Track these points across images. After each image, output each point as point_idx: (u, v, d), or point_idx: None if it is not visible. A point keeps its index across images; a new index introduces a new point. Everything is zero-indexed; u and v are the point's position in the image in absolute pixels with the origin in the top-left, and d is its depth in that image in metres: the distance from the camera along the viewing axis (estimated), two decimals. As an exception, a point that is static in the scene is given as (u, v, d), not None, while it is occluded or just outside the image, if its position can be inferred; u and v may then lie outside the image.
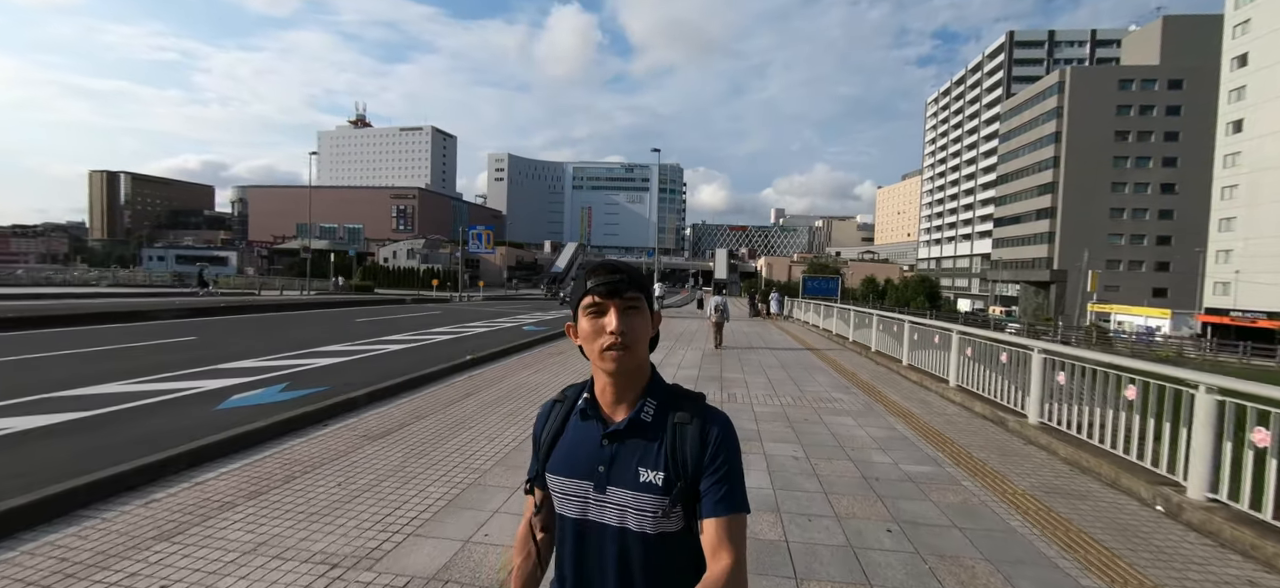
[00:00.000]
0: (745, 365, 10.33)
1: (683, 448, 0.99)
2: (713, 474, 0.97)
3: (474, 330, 15.37)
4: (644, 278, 1.06)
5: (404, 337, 13.03)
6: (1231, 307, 47.80)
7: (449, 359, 9.21)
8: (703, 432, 1.00)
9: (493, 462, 4.48)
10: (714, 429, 1.00)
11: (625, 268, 1.05)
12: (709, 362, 10.75)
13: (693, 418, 1.01)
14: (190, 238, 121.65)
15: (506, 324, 17.94)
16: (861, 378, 9.15)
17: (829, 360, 11.53)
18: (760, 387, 8.14)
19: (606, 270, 1.03)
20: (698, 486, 0.98)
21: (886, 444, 5.31)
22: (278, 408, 5.83)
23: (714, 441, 0.99)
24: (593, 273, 1.04)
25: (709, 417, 1.02)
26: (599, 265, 1.06)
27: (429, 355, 10.09)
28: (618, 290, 1.00)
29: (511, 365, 9.25)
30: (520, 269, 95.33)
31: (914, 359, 9.73)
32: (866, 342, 12.98)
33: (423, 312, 21.71)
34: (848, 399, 7.38)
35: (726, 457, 0.98)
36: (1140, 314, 55.00)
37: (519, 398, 6.80)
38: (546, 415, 1.13)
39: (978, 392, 7.14)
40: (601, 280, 1.01)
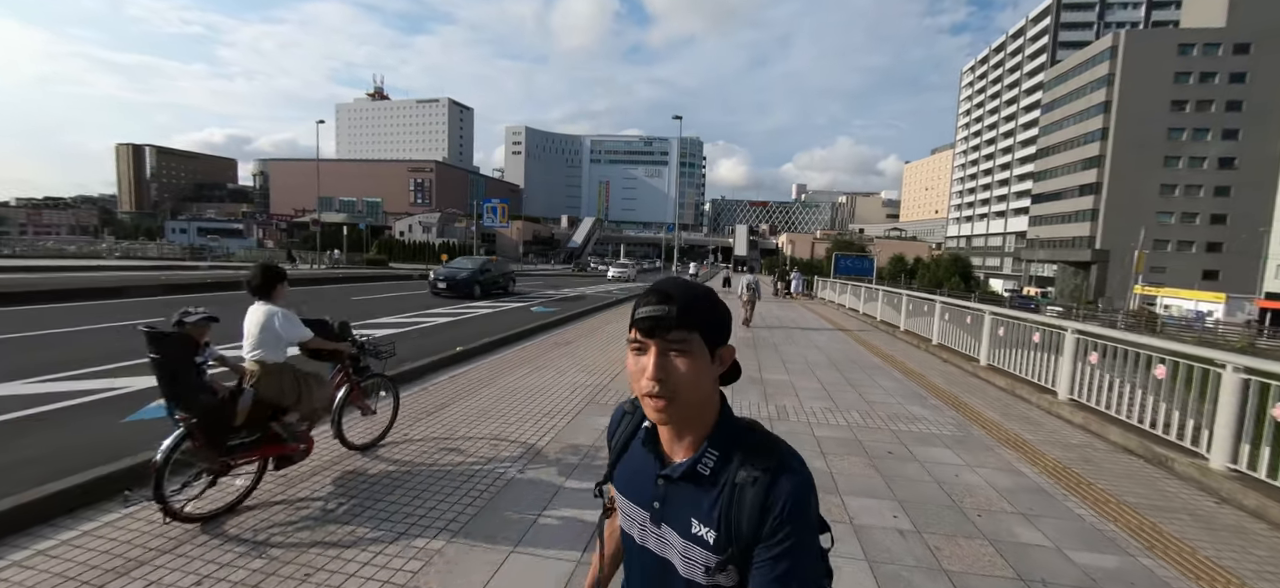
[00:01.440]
0: (787, 361, 8.70)
1: (740, 513, 0.84)
2: (771, 547, 0.81)
3: (477, 312, 13.98)
4: (705, 304, 0.86)
5: (397, 319, 11.68)
6: (1298, 291, 44.28)
7: (434, 352, 7.79)
8: (766, 498, 0.83)
9: (446, 538, 2.97)
10: (782, 495, 0.82)
11: (678, 294, 0.85)
12: (743, 355, 9.15)
13: (758, 478, 0.84)
14: (213, 211, 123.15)
15: (513, 305, 16.54)
16: (933, 382, 7.47)
17: (880, 352, 9.85)
18: (813, 393, 6.54)
19: (654, 299, 0.85)
20: (753, 551, 0.83)
21: (1019, 500, 3.69)
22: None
23: (779, 509, 0.82)
24: (642, 300, 0.87)
25: (778, 477, 0.84)
26: (650, 290, 0.88)
27: (413, 346, 8.68)
28: (658, 329, 0.83)
29: (508, 360, 7.77)
30: (537, 244, 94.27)
31: (993, 358, 8.00)
32: (922, 332, 11.24)
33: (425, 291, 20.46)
34: (930, 415, 5.74)
35: (792, 530, 0.81)
36: (1191, 298, 51.52)
37: (502, 414, 5.28)
38: (618, 422, 1.06)
39: (1105, 411, 5.45)
40: (643, 314, 0.85)
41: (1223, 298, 49.02)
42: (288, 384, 3.37)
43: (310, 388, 3.48)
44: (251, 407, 3.17)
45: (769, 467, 0.85)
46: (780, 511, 0.81)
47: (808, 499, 0.84)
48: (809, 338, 11.76)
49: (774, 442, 0.90)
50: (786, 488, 0.83)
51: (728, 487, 0.86)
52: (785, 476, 0.84)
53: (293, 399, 3.37)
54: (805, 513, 0.83)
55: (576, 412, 5.34)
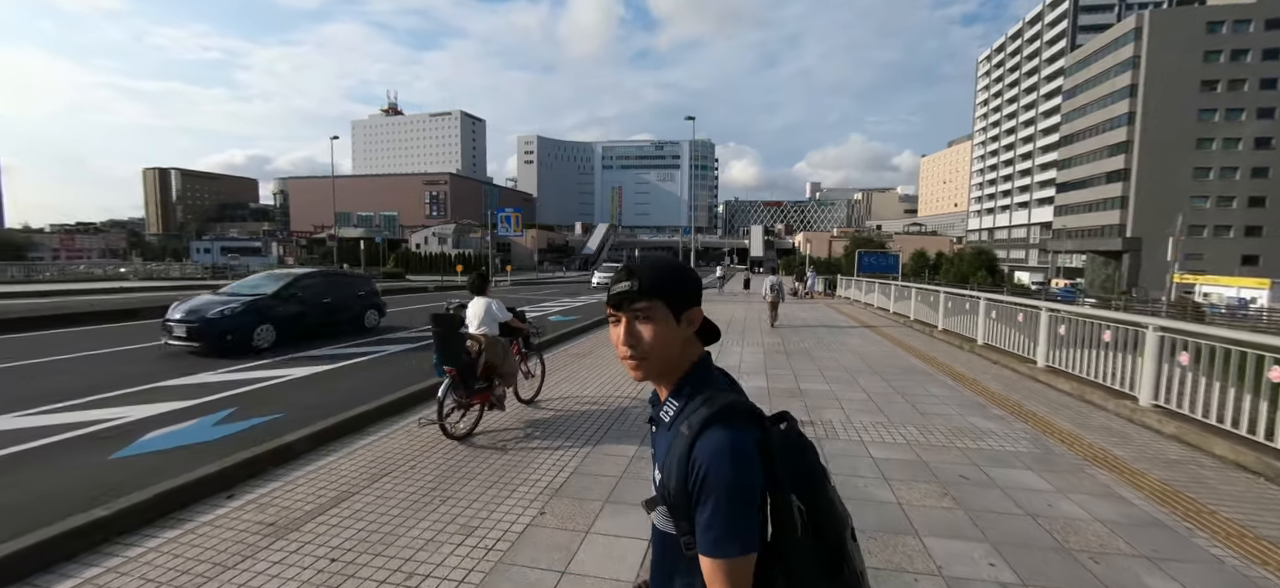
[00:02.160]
0: (823, 367, 8.09)
1: (671, 461, 0.90)
2: (701, 509, 0.85)
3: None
4: (666, 274, 0.96)
5: (407, 335, 11.32)
6: (1349, 274, 42.00)
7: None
8: (689, 452, 0.87)
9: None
10: (698, 458, 0.86)
11: (638, 270, 0.96)
12: (775, 362, 8.57)
13: (687, 433, 0.89)
14: (235, 230, 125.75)
15: (531, 314, 16.16)
16: (989, 387, 6.82)
17: (921, 355, 9.18)
18: (859, 404, 5.94)
19: (622, 275, 0.98)
20: (688, 505, 0.88)
21: (1136, 538, 3.09)
22: (190, 458, 4.05)
23: (698, 473, 0.85)
24: (613, 278, 0.99)
25: (704, 433, 0.87)
26: (620, 268, 1.00)
27: (423, 364, 8.28)
28: (624, 302, 0.95)
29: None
30: (551, 251, 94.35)
31: (1053, 359, 7.30)
32: (964, 331, 10.53)
33: (441, 301, 20.23)
34: (997, 428, 5.12)
35: (714, 491, 0.83)
36: (1233, 284, 49.34)
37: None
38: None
39: (1205, 420, 4.77)
40: (613, 290, 0.97)
41: (1268, 283, 46.81)
42: (500, 351, 5.07)
43: (508, 355, 5.23)
44: (484, 365, 4.91)
45: (701, 422, 0.88)
46: (699, 474, 0.85)
47: (727, 462, 0.84)
48: (841, 340, 11.12)
49: (721, 399, 0.91)
50: (707, 447, 0.85)
51: (675, 434, 0.92)
52: (709, 434, 0.86)
53: (501, 361, 5.04)
54: (724, 475, 0.83)
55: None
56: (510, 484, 3.76)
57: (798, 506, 0.89)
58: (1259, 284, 47.49)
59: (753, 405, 0.92)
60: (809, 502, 0.91)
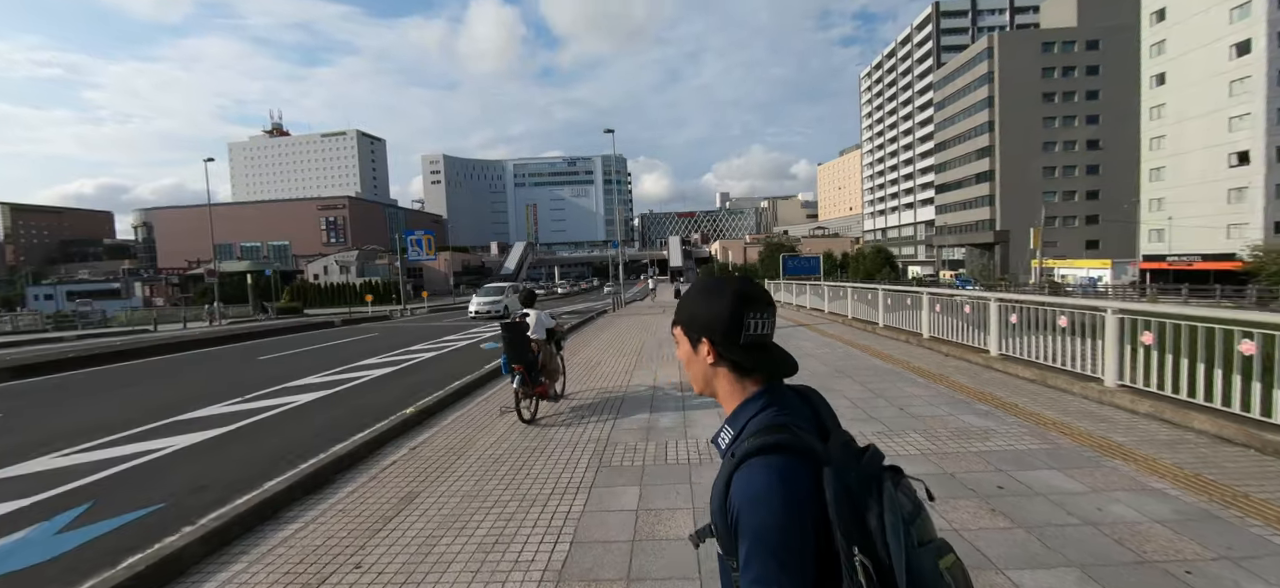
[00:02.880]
0: (789, 376, 7.83)
1: (713, 497, 0.88)
2: (740, 547, 0.80)
3: (419, 357, 12.21)
4: (684, 304, 1.01)
5: (323, 378, 9.79)
6: (1167, 252, 50.05)
7: (379, 415, 6.26)
8: (723, 500, 0.84)
9: None
10: (734, 494, 0.82)
11: (680, 300, 1.06)
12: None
13: (728, 464, 0.86)
14: (86, 271, 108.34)
15: (459, 343, 14.81)
16: (960, 382, 6.84)
17: (877, 352, 9.24)
18: (845, 412, 5.64)
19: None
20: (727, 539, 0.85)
21: (1207, 538, 2.90)
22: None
23: (734, 509, 0.81)
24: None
25: (737, 471, 0.83)
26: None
27: (350, 412, 7.04)
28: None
29: (473, 415, 6.37)
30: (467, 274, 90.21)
31: (1005, 348, 7.53)
32: (906, 326, 10.85)
33: (354, 337, 18.14)
34: (994, 426, 4.99)
35: (749, 533, 0.78)
36: (1083, 266, 57.07)
37: (494, 499, 4.01)
38: None
39: (1176, 396, 4.93)
40: None
41: (1109, 264, 54.58)
42: (548, 353, 6.44)
43: (554, 356, 6.64)
44: (540, 364, 6.21)
45: (743, 453, 0.84)
46: (734, 516, 0.81)
47: (760, 508, 0.78)
48: (791, 343, 11.05)
49: (772, 433, 0.85)
50: (742, 483, 0.81)
51: (723, 464, 0.89)
52: (747, 468, 0.82)
53: (550, 360, 6.46)
54: (757, 522, 0.78)
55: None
56: (578, 445, 5.13)
57: (860, 560, 0.76)
58: (1102, 265, 55.30)
59: (810, 442, 0.83)
60: (877, 558, 0.76)
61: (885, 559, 0.76)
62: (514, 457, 4.85)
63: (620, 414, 6.09)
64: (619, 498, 3.85)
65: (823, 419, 0.92)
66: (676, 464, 4.44)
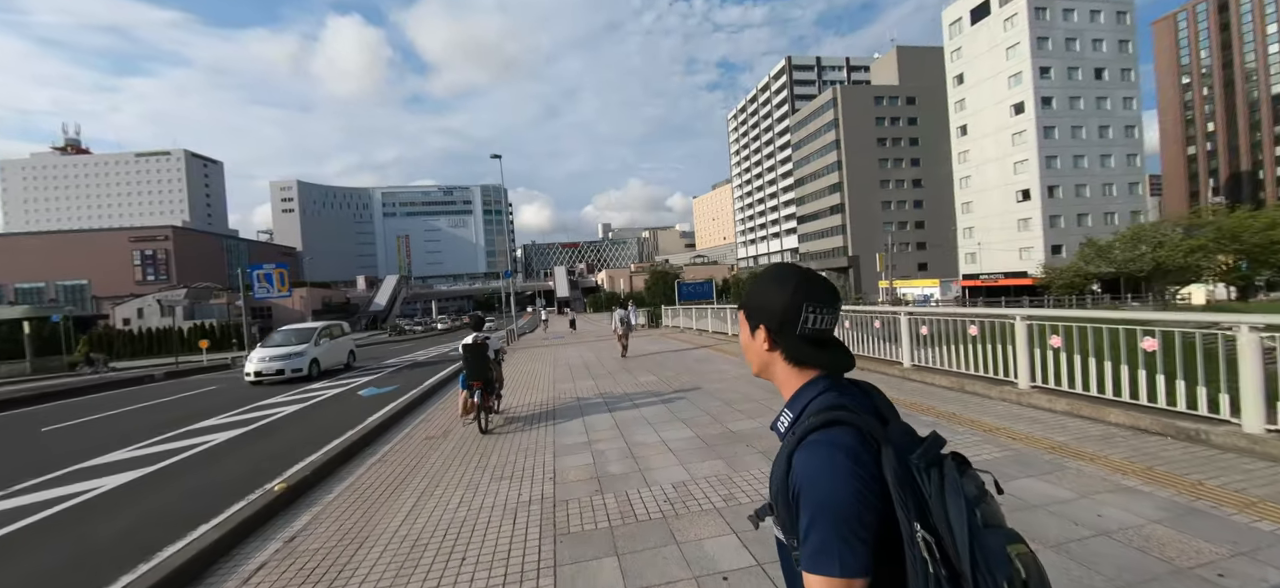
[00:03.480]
0: (727, 400, 7.49)
1: (774, 475, 0.89)
2: (800, 521, 0.82)
3: (277, 413, 10.06)
4: (750, 289, 1.04)
5: (139, 450, 7.52)
6: (980, 272, 59.83)
7: (228, 496, 4.75)
8: (785, 477, 0.86)
9: None
10: (796, 469, 0.84)
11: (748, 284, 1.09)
12: (677, 408, 7.69)
13: (789, 444, 0.88)
14: None
15: (329, 391, 12.61)
16: (891, 396, 6.95)
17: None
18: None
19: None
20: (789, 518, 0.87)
21: (1212, 532, 2.90)
22: None
23: (795, 484, 0.83)
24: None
25: (798, 448, 0.85)
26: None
27: (182, 496, 5.33)
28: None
29: (367, 486, 5.10)
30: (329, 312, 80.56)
31: (918, 358, 7.91)
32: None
33: (185, 392, 14.78)
34: (951, 436, 4.97)
35: (810, 505, 0.80)
36: (918, 286, 66.11)
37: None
38: None
39: (1086, 393, 5.32)
40: None
41: (937, 282, 63.84)
42: (497, 371, 7.70)
43: (499, 372, 7.87)
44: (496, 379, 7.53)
45: (805, 430, 0.86)
46: (795, 491, 0.83)
47: (818, 479, 0.81)
48: (713, 367, 10.87)
49: (832, 411, 0.87)
50: (804, 459, 0.83)
51: (784, 444, 0.91)
52: (808, 443, 0.84)
53: (497, 377, 7.67)
54: (816, 494, 0.80)
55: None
56: (529, 446, 5.91)
57: (922, 536, 0.77)
58: (932, 284, 64.61)
59: (870, 421, 0.86)
60: (939, 534, 0.78)
61: (948, 537, 0.77)
62: (438, 539, 3.69)
63: (553, 420, 7.02)
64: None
65: (880, 407, 0.93)
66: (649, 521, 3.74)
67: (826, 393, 0.92)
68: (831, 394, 0.91)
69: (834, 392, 0.92)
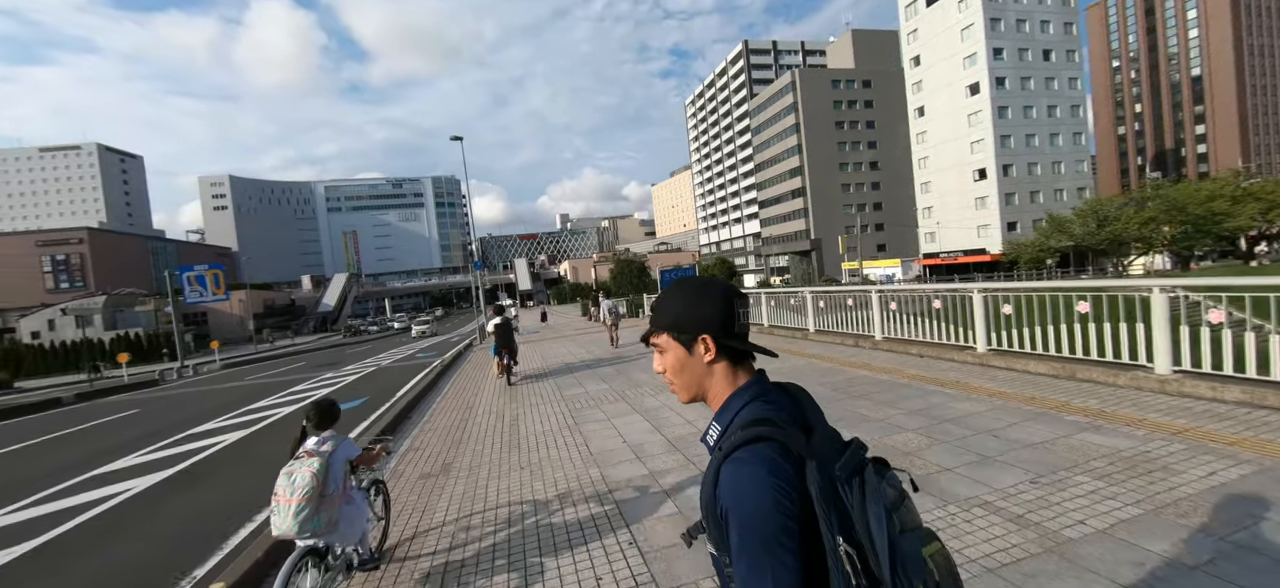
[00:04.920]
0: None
1: (703, 491, 0.89)
2: (730, 539, 0.82)
3: (213, 446, 8.24)
4: (670, 306, 1.00)
5: (13, 512, 5.72)
6: (939, 250, 61.37)
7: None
8: (713, 484, 0.86)
9: None
10: (722, 487, 0.84)
11: (656, 302, 1.04)
12: (685, 409, 6.46)
13: (714, 461, 0.88)
14: None
15: (277, 411, 10.76)
16: (887, 366, 6.16)
17: (790, 351, 8.28)
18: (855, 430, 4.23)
19: (655, 304, 1.06)
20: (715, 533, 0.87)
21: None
22: None
23: (722, 502, 0.84)
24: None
25: (723, 465, 0.85)
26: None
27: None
28: (648, 338, 1.03)
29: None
30: (272, 315, 75.45)
31: (888, 331, 8.19)
32: (791, 324, 11.29)
33: (95, 419, 12.54)
34: (971, 406, 3.95)
35: (737, 524, 0.80)
36: (880, 266, 67.41)
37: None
38: None
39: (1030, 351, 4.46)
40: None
41: (898, 263, 65.21)
42: (515, 342, 10.22)
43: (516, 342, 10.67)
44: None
45: (730, 447, 0.86)
46: (724, 499, 0.83)
47: (748, 508, 0.80)
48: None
49: (757, 426, 0.87)
50: (729, 477, 0.83)
51: (711, 459, 0.91)
52: (733, 461, 0.84)
53: (515, 347, 10.18)
54: (740, 506, 0.81)
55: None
56: (554, 398, 8.01)
57: (845, 549, 0.79)
58: (893, 264, 66.00)
59: (790, 433, 0.85)
60: (860, 545, 0.80)
61: (869, 547, 0.79)
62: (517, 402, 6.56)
63: (558, 376, 9.07)
64: None
65: (807, 414, 0.93)
66: None
67: (753, 402, 0.92)
68: (758, 404, 0.91)
69: (760, 401, 0.92)
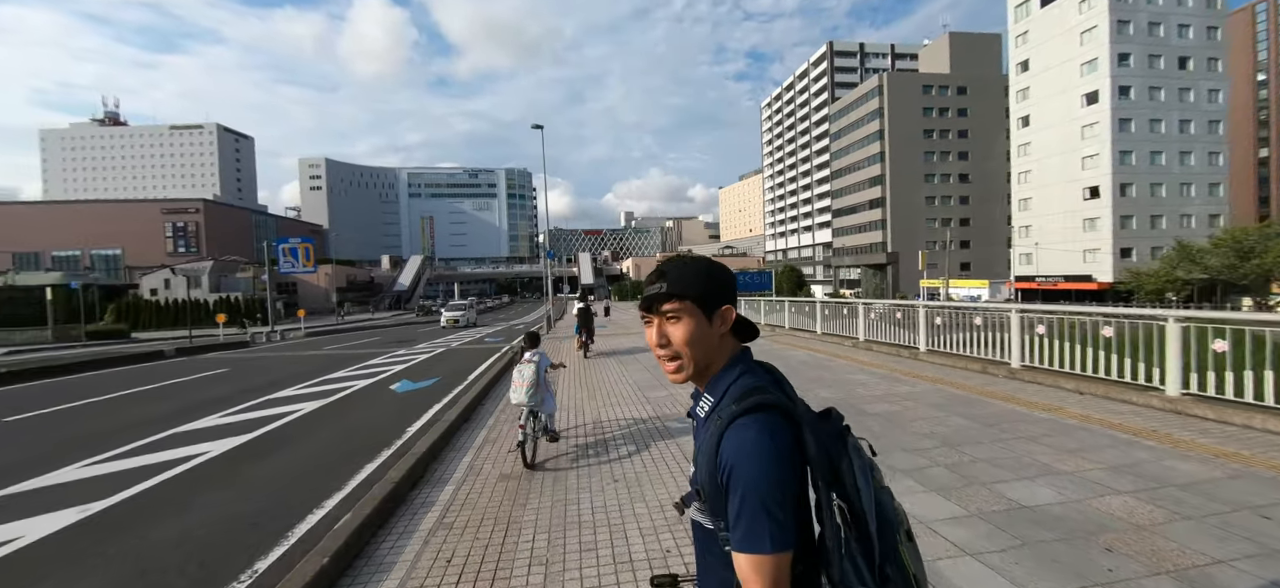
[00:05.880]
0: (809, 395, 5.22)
1: (701, 460, 0.92)
2: (731, 503, 0.84)
3: (289, 414, 8.06)
4: (696, 273, 0.98)
5: (93, 466, 5.57)
6: (1035, 273, 55.96)
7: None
8: (716, 451, 0.87)
9: None
10: (726, 452, 0.86)
11: (671, 271, 0.99)
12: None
13: (718, 423, 0.90)
14: None
15: (357, 383, 10.64)
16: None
17: (849, 360, 6.97)
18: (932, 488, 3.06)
19: (654, 277, 1.01)
20: (719, 498, 0.88)
21: None
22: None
23: (726, 467, 0.85)
24: (646, 280, 1.02)
25: (726, 431, 0.87)
26: (652, 272, 1.03)
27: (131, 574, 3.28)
28: (655, 304, 0.97)
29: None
30: (353, 290, 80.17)
31: (932, 343, 7.99)
32: (845, 332, 11.45)
33: (189, 376, 13.05)
34: (1035, 424, 2.65)
35: (741, 486, 0.82)
36: (966, 286, 62.46)
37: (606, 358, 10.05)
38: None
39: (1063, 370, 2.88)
40: (645, 293, 1.00)
41: (986, 283, 60.12)
42: (592, 323, 13.23)
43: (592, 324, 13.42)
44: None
45: (731, 415, 0.88)
46: (726, 467, 0.85)
47: (752, 455, 0.83)
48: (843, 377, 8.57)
49: (755, 395, 0.90)
50: (734, 441, 0.85)
51: (708, 429, 0.92)
52: (737, 427, 0.86)
53: (592, 327, 13.17)
54: (751, 469, 0.82)
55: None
56: (619, 368, 9.81)
57: (838, 504, 0.86)
58: (981, 285, 60.91)
59: (787, 401, 0.90)
60: (851, 501, 0.87)
61: (857, 502, 0.87)
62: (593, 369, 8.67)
63: (626, 352, 11.10)
64: None
65: (786, 390, 0.97)
66: None
67: (744, 376, 0.95)
68: (748, 377, 0.95)
69: (749, 375, 0.95)
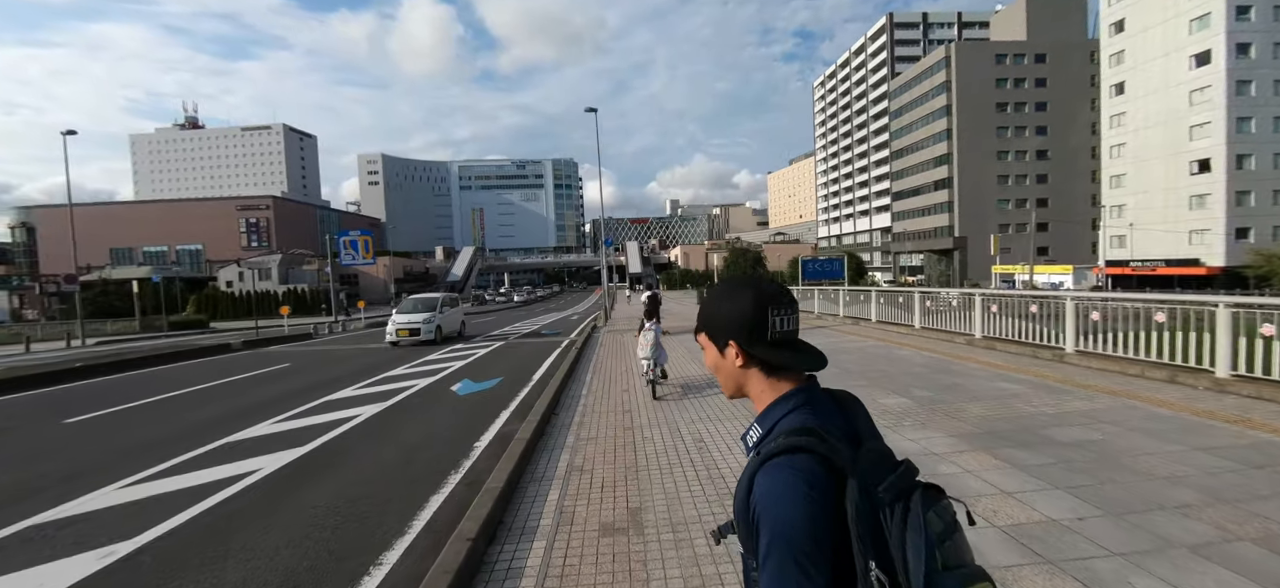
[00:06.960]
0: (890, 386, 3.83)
1: (737, 493, 0.87)
2: (759, 544, 0.79)
3: (347, 420, 7.36)
4: (704, 309, 1.01)
5: (140, 482, 4.93)
6: (1130, 258, 50.67)
7: None
8: (747, 498, 0.83)
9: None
10: (757, 492, 0.81)
11: (700, 303, 1.06)
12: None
13: (752, 464, 0.86)
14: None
15: (418, 382, 9.98)
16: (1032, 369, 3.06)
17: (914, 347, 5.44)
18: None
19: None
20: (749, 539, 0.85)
21: None
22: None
23: (755, 507, 0.81)
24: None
25: (760, 470, 0.83)
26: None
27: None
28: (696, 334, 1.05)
29: None
30: (409, 280, 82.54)
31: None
32: (899, 320, 10.75)
33: (253, 370, 12.84)
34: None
35: (768, 530, 0.78)
36: (1048, 272, 57.49)
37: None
38: None
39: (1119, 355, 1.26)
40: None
41: (1070, 269, 55.07)
42: (658, 311, 9.27)
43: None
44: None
45: (769, 453, 0.83)
46: (756, 513, 0.80)
47: (781, 503, 0.78)
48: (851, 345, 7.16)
49: (800, 435, 0.83)
50: (765, 483, 0.81)
51: (750, 461, 0.89)
52: (771, 467, 0.82)
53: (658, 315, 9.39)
54: (773, 513, 0.78)
55: None
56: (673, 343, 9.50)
57: (877, 576, 0.74)
58: (1064, 270, 55.78)
59: (837, 448, 0.81)
60: (892, 575, 0.75)
61: (903, 575, 0.75)
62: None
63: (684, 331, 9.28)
64: None
65: (857, 426, 0.90)
66: None
67: (798, 410, 0.88)
68: (803, 412, 0.88)
69: (806, 410, 0.89)
